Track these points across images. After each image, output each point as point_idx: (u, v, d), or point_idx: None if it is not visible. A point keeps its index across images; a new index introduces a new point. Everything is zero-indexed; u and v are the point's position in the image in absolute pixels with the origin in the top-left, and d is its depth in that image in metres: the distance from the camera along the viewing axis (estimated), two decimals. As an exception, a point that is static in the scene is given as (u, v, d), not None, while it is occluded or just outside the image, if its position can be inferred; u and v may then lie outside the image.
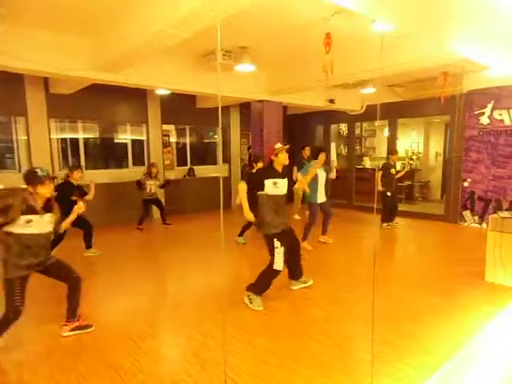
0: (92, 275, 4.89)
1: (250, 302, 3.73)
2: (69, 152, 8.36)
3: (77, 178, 5.33)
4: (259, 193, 3.67)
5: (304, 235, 5.75)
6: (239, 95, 6.86)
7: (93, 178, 7.86)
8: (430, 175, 10.80)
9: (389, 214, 7.43)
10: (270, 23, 4.58)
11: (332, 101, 8.18)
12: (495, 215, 4.44)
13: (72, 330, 3.19)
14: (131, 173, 8.72)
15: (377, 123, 11.18)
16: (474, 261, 4.86)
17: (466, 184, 7.65)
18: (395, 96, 8.38)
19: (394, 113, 8.59)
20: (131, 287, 4.44)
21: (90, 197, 5.28)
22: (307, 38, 4.97)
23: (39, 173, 2.87)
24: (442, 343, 3.03)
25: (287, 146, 3.82)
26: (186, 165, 10.20)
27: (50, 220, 3.00)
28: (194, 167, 10.10)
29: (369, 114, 9.12)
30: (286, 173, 3.91)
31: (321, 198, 5.76)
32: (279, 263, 3.66)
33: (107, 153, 9.18)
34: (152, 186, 7.45)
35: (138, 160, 9.17)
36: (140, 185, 7.38)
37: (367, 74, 5.31)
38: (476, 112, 7.35)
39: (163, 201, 8.24)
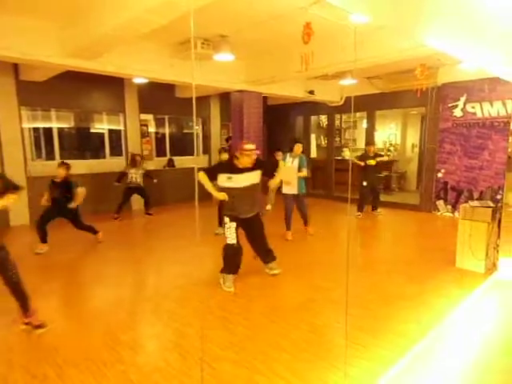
0: (70, 267, 4.80)
1: (223, 283, 3.94)
2: (42, 142, 8.08)
3: (57, 174, 5.20)
4: (214, 182, 3.92)
5: (286, 225, 5.93)
6: (218, 85, 6.78)
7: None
8: (406, 166, 11.08)
9: (364, 203, 7.63)
10: (249, 11, 4.53)
11: (312, 92, 8.22)
12: (466, 204, 4.63)
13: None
14: (108, 163, 8.52)
15: (353, 115, 11.34)
16: (446, 248, 5.07)
17: (439, 175, 7.91)
18: (374, 88, 8.50)
19: (373, 104, 8.73)
20: (110, 278, 4.39)
21: (73, 204, 5.19)
22: (286, 28, 4.95)
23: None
24: (414, 325, 3.16)
25: (255, 151, 3.86)
26: (166, 155, 10.04)
27: None
28: (174, 158, 9.97)
29: (348, 105, 9.22)
30: (255, 167, 3.91)
31: (287, 189, 5.65)
32: (230, 237, 3.90)
33: (83, 143, 8.90)
34: (133, 174, 7.53)
35: (116, 150, 8.97)
36: (122, 174, 7.51)
37: (346, 65, 5.35)
38: (450, 105, 7.57)
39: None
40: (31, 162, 7.41)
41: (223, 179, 3.88)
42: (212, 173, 3.91)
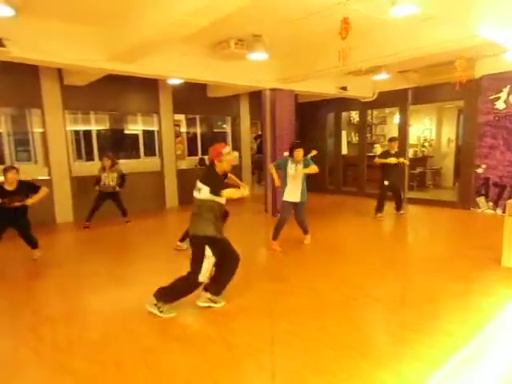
0: (111, 264, 5.01)
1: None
2: (82, 144, 8.47)
3: (8, 180, 4.55)
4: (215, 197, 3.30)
5: (273, 234, 5.29)
6: (251, 84, 6.84)
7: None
8: (441, 162, 10.70)
9: (384, 203, 7.09)
10: (284, 10, 4.54)
11: (344, 88, 8.12)
12: (512, 200, 4.44)
13: None
14: (143, 163, 8.81)
15: (388, 110, 11.09)
16: (490, 246, 4.88)
17: (479, 170, 7.59)
18: (407, 82, 8.28)
19: (406, 99, 8.50)
20: (149, 274, 4.54)
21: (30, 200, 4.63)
22: (322, 24, 4.91)
23: None
24: (462, 325, 3.08)
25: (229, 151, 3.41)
26: (197, 154, 10.25)
27: None
28: (205, 157, 10.15)
29: (380, 100, 9.03)
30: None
31: (289, 196, 5.14)
32: (204, 274, 3.33)
33: (119, 143, 9.26)
34: (106, 178, 6.75)
35: (150, 151, 9.26)
36: (97, 180, 6.76)
37: (384, 60, 5.24)
38: (491, 97, 7.25)
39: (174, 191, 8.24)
40: (73, 162, 7.78)
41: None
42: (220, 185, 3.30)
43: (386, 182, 7.00)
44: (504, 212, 5.26)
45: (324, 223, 5.94)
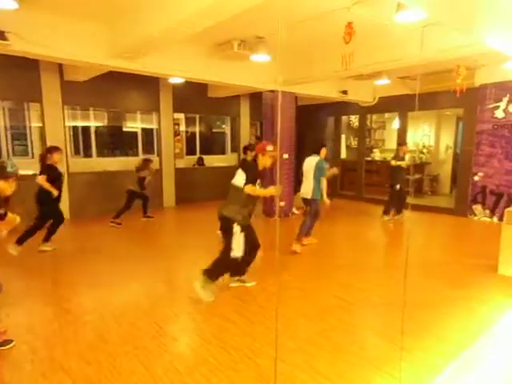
0: (108, 262, 4.98)
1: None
2: (80, 140, 8.42)
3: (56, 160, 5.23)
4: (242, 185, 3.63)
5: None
6: (252, 85, 6.83)
7: (103, 165, 8.00)
8: (439, 169, 10.76)
9: (394, 206, 7.36)
10: (289, 13, 4.53)
11: (345, 92, 8.14)
12: (511, 209, 4.46)
13: None
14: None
15: (383, 115, 11.14)
16: (486, 253, 4.90)
17: (476, 178, 7.64)
18: (407, 88, 8.32)
19: (405, 105, 8.55)
20: (147, 274, 4.52)
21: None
22: (325, 28, 4.93)
23: (8, 168, 2.77)
24: (458, 331, 3.09)
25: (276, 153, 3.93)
26: (195, 154, 10.23)
27: None
28: (204, 156, 10.13)
29: (380, 105, 9.07)
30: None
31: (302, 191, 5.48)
32: (238, 249, 3.59)
33: (117, 141, 9.22)
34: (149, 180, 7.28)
35: (149, 148, 9.22)
36: (142, 180, 7.08)
37: (386, 65, 5.25)
38: (491, 106, 7.30)
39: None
40: (70, 158, 7.72)
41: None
42: (254, 179, 3.68)
43: (397, 186, 7.12)
44: (500, 220, 5.27)
45: (321, 227, 5.95)
